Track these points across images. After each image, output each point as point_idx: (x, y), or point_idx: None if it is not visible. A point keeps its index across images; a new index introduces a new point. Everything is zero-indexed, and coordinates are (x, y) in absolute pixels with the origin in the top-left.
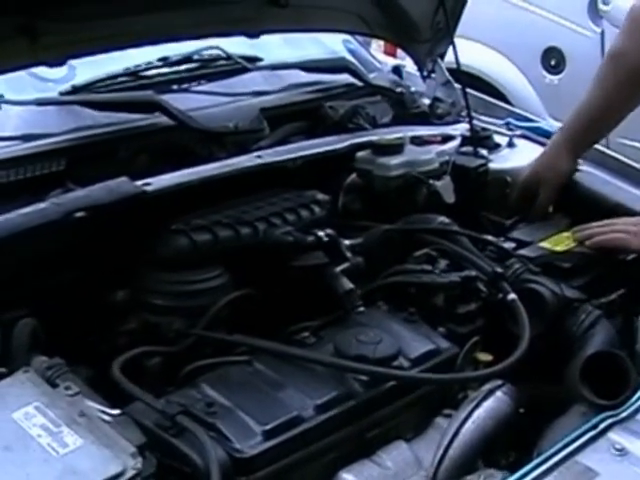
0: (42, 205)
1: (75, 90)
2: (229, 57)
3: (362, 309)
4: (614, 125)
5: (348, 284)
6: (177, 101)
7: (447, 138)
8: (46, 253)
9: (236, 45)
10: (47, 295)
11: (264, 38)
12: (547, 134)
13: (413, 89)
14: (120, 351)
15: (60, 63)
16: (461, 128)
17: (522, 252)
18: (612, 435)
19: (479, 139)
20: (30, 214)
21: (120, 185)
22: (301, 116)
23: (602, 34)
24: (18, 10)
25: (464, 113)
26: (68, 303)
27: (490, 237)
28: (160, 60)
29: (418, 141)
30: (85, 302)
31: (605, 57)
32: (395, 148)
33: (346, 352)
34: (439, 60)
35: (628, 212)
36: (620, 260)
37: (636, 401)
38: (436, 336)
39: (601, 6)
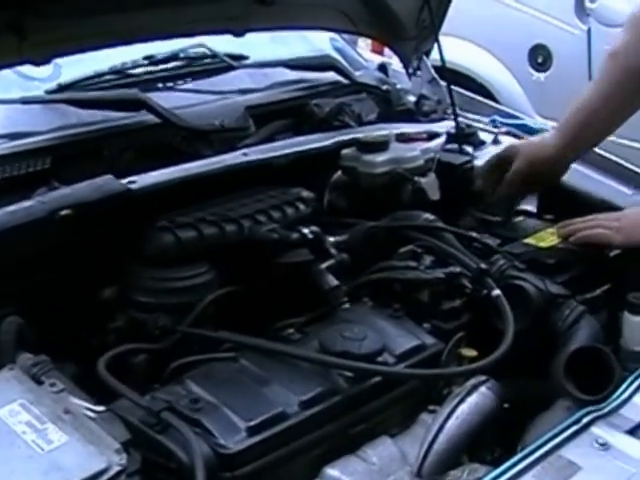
0: (27, 203)
1: (61, 88)
2: (215, 55)
3: (347, 305)
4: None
5: (333, 281)
6: (163, 99)
7: (432, 135)
8: (32, 251)
9: (222, 43)
10: (33, 293)
11: (250, 36)
12: (532, 131)
13: (399, 87)
14: (107, 348)
15: (46, 61)
16: (446, 125)
17: (506, 248)
18: (595, 429)
19: (464, 136)
20: (15, 212)
21: (105, 183)
22: (287, 114)
23: (589, 32)
24: (5, 6)
25: (449, 110)
26: (55, 301)
27: (474, 233)
28: (146, 58)
29: (403, 138)
30: (72, 300)
31: (606, 56)
32: (380, 145)
33: (331, 348)
34: (425, 58)
35: (613, 208)
36: (604, 255)
37: (619, 396)
38: (421, 332)
39: (587, 4)
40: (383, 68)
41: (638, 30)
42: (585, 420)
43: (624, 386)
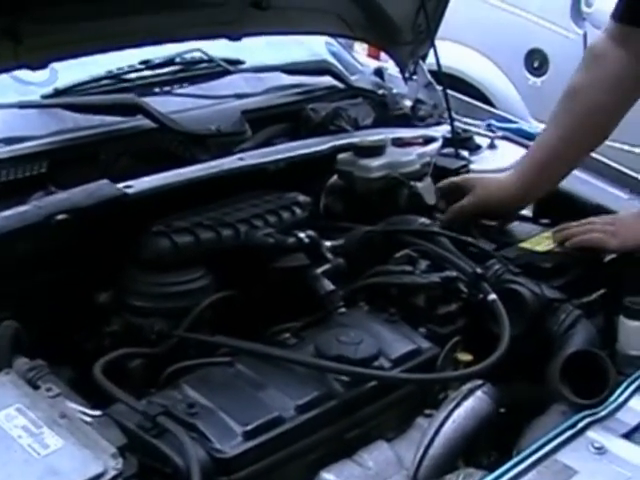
0: (23, 208)
1: (57, 93)
2: (211, 60)
3: (343, 310)
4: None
5: (329, 285)
6: (159, 104)
7: (429, 140)
8: (28, 255)
9: (218, 48)
10: (29, 297)
11: (246, 41)
12: (528, 135)
13: (395, 91)
14: (103, 352)
15: (42, 66)
16: (442, 130)
17: (502, 253)
18: (591, 434)
19: (460, 141)
20: (11, 217)
21: (101, 188)
22: (283, 118)
23: (585, 36)
24: (1, 12)
25: (446, 115)
26: (50, 305)
27: (470, 238)
28: (142, 63)
29: (399, 143)
30: (68, 304)
31: (561, 96)
32: (376, 150)
33: (327, 353)
34: (421, 62)
35: (609, 212)
36: (599, 260)
37: (615, 400)
38: (417, 336)
39: (584, 8)
40: (379, 72)
41: (598, 66)
42: (581, 424)
43: (620, 390)
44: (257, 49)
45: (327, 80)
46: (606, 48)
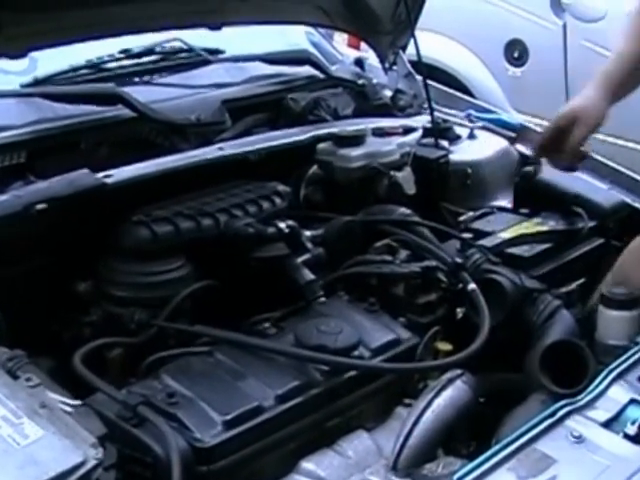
0: (2, 197)
1: (36, 82)
2: (191, 49)
3: (323, 299)
4: None
5: (309, 275)
6: (139, 93)
7: (408, 130)
8: (7, 245)
9: (198, 37)
10: (9, 286)
11: (226, 30)
12: (508, 126)
13: (375, 81)
14: (83, 342)
15: (22, 55)
16: (422, 120)
17: (481, 242)
18: (570, 423)
19: (440, 131)
20: None
21: (81, 177)
22: (263, 108)
23: (564, 27)
24: None
25: (425, 105)
26: (30, 295)
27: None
28: (122, 52)
29: (379, 133)
30: (47, 294)
31: (633, 13)
32: (356, 139)
33: (307, 342)
34: (401, 52)
35: (588, 203)
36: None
37: (594, 389)
38: (396, 326)
39: None
40: (359, 62)
41: None
42: (560, 413)
43: (599, 379)
44: (237, 39)
45: (307, 70)
46: None
